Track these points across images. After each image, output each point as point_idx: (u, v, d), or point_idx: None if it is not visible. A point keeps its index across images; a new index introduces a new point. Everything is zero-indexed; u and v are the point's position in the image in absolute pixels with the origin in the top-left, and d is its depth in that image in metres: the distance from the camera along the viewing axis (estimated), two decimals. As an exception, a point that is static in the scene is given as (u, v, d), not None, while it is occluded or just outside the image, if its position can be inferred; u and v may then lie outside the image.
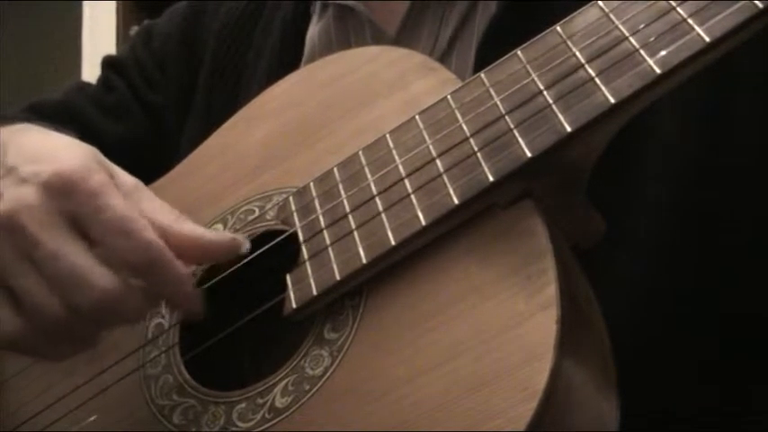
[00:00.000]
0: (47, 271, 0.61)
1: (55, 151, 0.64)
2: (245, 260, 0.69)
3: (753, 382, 0.74)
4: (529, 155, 0.58)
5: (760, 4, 0.54)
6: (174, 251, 0.64)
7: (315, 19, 0.88)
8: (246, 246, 0.68)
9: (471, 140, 0.61)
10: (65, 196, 0.61)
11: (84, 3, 2.23)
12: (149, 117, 0.97)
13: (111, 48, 2.11)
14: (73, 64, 2.17)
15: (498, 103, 0.61)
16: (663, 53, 0.56)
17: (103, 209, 0.61)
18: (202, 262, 0.70)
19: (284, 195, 0.70)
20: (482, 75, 0.63)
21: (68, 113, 0.97)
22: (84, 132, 0.91)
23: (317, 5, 0.88)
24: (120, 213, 0.62)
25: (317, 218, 0.66)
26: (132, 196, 0.64)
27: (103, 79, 1.00)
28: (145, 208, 0.64)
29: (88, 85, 1.02)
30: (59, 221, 0.61)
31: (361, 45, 0.84)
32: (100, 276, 0.61)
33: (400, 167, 0.63)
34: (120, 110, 0.97)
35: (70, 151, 0.64)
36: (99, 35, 2.18)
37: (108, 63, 1.02)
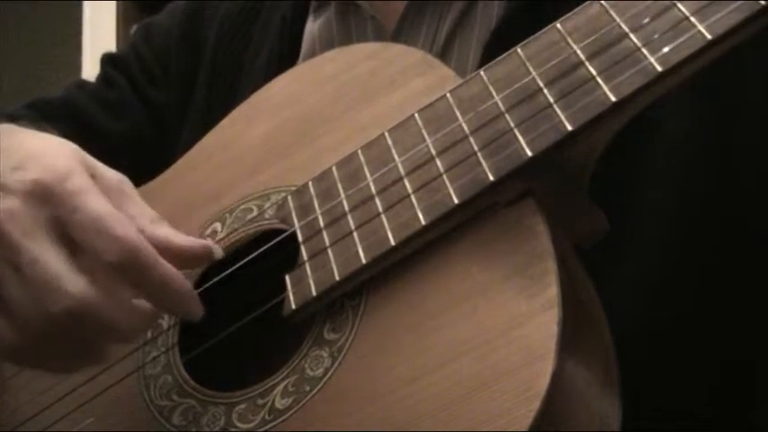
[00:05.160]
0: (27, 278, 0.61)
1: (39, 155, 0.64)
2: (245, 260, 0.68)
3: (755, 384, 0.74)
4: (529, 154, 0.58)
5: (762, 2, 0.53)
6: None
7: (312, 16, 0.88)
8: (219, 253, 0.66)
9: (471, 139, 0.60)
10: (45, 203, 0.62)
11: (85, 3, 2.23)
12: (150, 113, 0.97)
13: (111, 47, 2.11)
14: (73, 64, 2.16)
15: (498, 101, 0.60)
16: (664, 51, 0.55)
17: (79, 209, 0.61)
18: (177, 268, 0.66)
19: (283, 194, 0.69)
20: (482, 72, 0.62)
21: (69, 111, 0.96)
22: (86, 129, 0.91)
23: (315, 3, 0.88)
24: (95, 211, 0.61)
25: (317, 218, 0.65)
26: (114, 195, 0.63)
27: (103, 76, 1.00)
28: (125, 208, 0.63)
29: (88, 82, 1.02)
30: (42, 228, 0.61)
31: (362, 41, 0.83)
32: (71, 283, 0.60)
33: (400, 166, 0.63)
34: (121, 106, 0.97)
35: (53, 154, 0.64)
36: (99, 35, 2.17)
37: (108, 60, 1.02)
